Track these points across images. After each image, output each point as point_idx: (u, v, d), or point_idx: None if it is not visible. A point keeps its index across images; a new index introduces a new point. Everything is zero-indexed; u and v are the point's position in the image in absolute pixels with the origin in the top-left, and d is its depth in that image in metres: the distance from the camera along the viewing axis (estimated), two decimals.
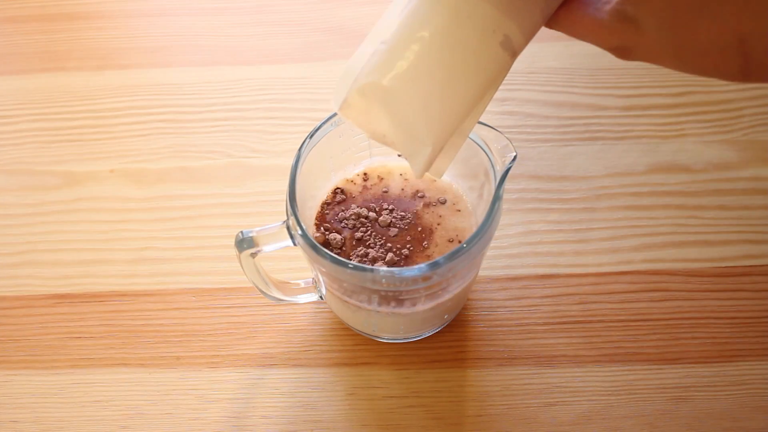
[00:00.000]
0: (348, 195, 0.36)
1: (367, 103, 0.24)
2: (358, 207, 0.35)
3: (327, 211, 0.35)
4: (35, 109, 0.49)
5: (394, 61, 0.24)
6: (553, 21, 0.24)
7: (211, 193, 0.44)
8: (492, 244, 0.37)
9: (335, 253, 0.32)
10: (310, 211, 0.35)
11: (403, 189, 0.36)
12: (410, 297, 0.31)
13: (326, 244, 0.34)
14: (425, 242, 0.33)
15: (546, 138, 0.45)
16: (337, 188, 0.36)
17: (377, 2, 0.54)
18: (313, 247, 0.29)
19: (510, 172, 0.31)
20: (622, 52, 0.23)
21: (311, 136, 0.32)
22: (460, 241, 0.34)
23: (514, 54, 0.24)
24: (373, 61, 0.24)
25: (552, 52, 0.49)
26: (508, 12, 0.23)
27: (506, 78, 0.46)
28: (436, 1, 0.23)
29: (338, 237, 0.34)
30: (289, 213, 0.30)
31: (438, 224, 0.34)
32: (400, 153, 0.28)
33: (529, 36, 0.24)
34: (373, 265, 0.32)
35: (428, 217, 0.35)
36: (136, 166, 0.46)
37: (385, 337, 0.37)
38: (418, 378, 0.37)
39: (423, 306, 0.32)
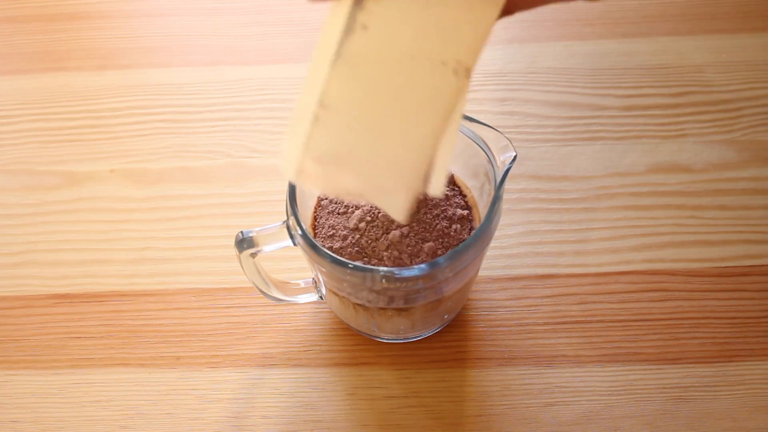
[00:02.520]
0: None
1: (324, 168, 0.23)
2: (356, 204, 0.35)
3: (324, 209, 0.35)
4: (35, 109, 0.49)
5: (344, 122, 0.22)
6: (510, 6, 0.22)
7: (211, 193, 0.44)
8: (492, 244, 0.37)
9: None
10: (309, 210, 0.35)
11: None
12: (410, 297, 0.31)
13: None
14: (425, 241, 0.33)
15: (546, 138, 0.45)
16: None
17: None
18: (313, 247, 0.29)
19: (510, 172, 0.30)
20: None
21: None
22: (460, 240, 0.34)
23: (469, 72, 0.22)
24: (320, 127, 0.22)
25: (552, 52, 0.49)
26: (454, 38, 0.21)
27: (506, 78, 0.47)
28: (372, 47, 0.21)
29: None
30: (289, 213, 0.30)
31: (439, 222, 0.34)
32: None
33: (481, 44, 0.22)
34: (371, 263, 0.32)
35: (428, 216, 0.34)
36: (136, 166, 0.46)
37: (385, 337, 0.37)
38: (418, 378, 0.37)
39: (423, 306, 0.32)
